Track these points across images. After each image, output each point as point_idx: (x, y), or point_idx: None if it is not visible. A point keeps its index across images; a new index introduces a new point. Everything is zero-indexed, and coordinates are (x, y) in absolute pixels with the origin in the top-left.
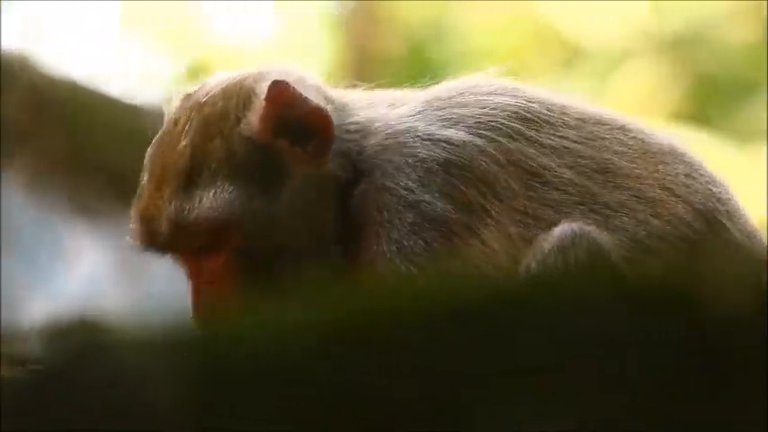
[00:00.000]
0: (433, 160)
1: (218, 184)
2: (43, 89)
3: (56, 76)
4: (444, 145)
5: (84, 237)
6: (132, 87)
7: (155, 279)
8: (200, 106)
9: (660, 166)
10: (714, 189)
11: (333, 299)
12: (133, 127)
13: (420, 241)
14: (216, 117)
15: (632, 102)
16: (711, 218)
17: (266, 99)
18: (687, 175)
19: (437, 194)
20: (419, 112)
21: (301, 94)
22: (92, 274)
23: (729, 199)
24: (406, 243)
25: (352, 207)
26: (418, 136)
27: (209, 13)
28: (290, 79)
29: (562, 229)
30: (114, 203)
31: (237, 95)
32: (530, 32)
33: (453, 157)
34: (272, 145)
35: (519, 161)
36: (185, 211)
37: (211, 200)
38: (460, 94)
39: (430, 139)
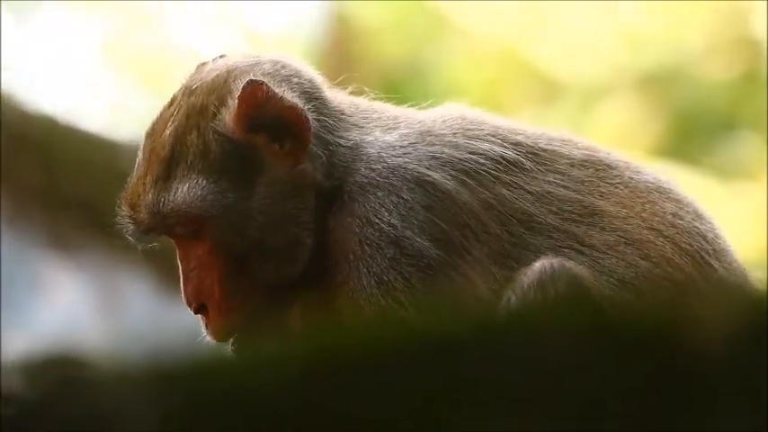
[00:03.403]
0: (417, 202)
1: (194, 177)
2: (20, 125)
3: (33, 111)
4: (430, 189)
5: (62, 271)
6: (109, 123)
7: (132, 313)
8: (189, 93)
9: (647, 206)
10: (701, 227)
11: (313, 331)
12: (110, 162)
13: (399, 276)
14: (196, 110)
15: (611, 137)
16: (699, 258)
17: (239, 98)
18: (674, 215)
19: (417, 231)
20: (411, 145)
21: (277, 94)
22: (69, 309)
23: (716, 237)
24: (385, 278)
25: (331, 232)
26: (406, 177)
27: (188, 48)
28: (276, 75)
29: (542, 263)
30: (91, 238)
31: (217, 91)
32: (507, 68)
33: (437, 202)
34: (247, 141)
35: (502, 208)
36: (161, 203)
37: (185, 194)
38: (453, 133)
39: (416, 181)
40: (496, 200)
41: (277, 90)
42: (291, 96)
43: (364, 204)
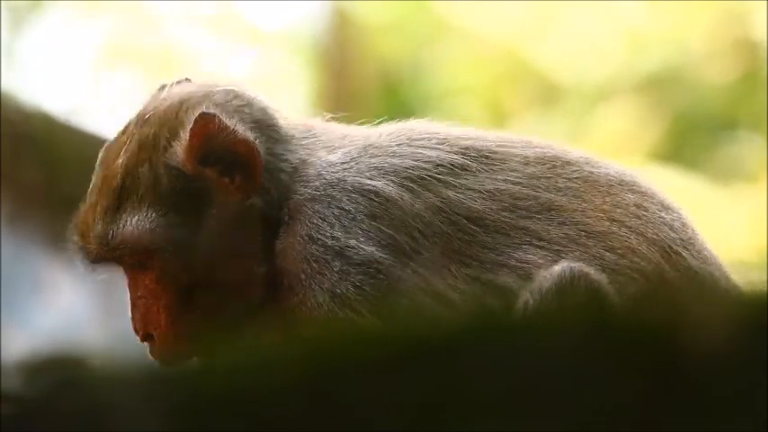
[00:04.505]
0: (360, 211)
1: (143, 210)
2: (20, 124)
3: (33, 111)
4: (372, 197)
5: (62, 272)
6: (110, 123)
7: None
8: (142, 123)
9: (608, 199)
10: (667, 217)
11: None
12: None
13: (351, 287)
14: (148, 142)
15: (611, 140)
16: (666, 247)
17: (190, 131)
18: (638, 206)
19: (363, 239)
20: (353, 160)
21: (228, 127)
22: (69, 309)
23: (683, 226)
24: (338, 291)
25: (280, 256)
26: (346, 188)
27: (188, 48)
28: (227, 106)
29: (561, 267)
30: None
31: (169, 123)
32: (508, 70)
33: (381, 210)
34: (198, 175)
35: (450, 209)
36: (110, 235)
37: (134, 226)
38: (398, 144)
39: (358, 191)
40: (444, 202)
41: (229, 123)
42: (243, 129)
43: (305, 222)
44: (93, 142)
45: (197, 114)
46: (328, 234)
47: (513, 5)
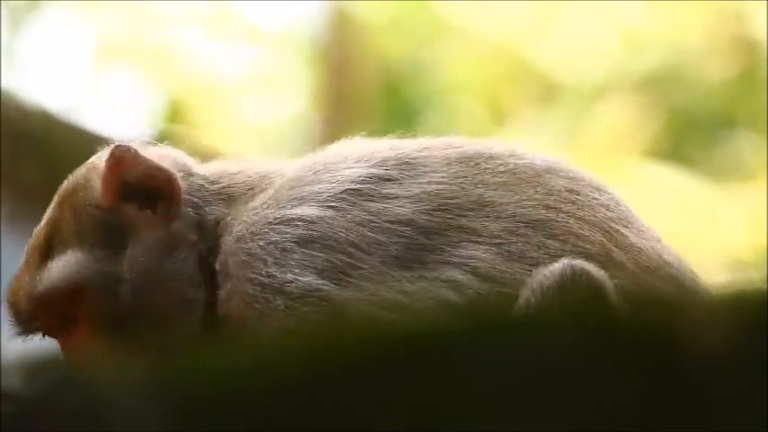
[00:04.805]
0: (286, 240)
1: (68, 252)
2: (20, 123)
3: (33, 109)
4: (297, 223)
5: None
6: (109, 120)
7: None
8: (63, 186)
9: (539, 188)
10: (601, 197)
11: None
12: None
13: (299, 321)
14: (68, 191)
15: (609, 138)
16: (606, 227)
17: (107, 164)
18: (570, 191)
19: (298, 271)
20: (271, 198)
21: (142, 156)
22: None
23: (618, 204)
24: (286, 329)
25: (222, 302)
26: (270, 222)
27: (188, 46)
28: (143, 146)
29: (562, 266)
30: None
31: (87, 166)
32: (507, 68)
33: (308, 233)
34: (118, 209)
35: (379, 220)
36: (37, 283)
37: (60, 268)
38: (314, 172)
39: (281, 222)
40: (371, 213)
41: (144, 153)
42: (159, 157)
43: (238, 263)
44: (93, 141)
45: (112, 149)
46: (263, 272)
47: (513, 5)
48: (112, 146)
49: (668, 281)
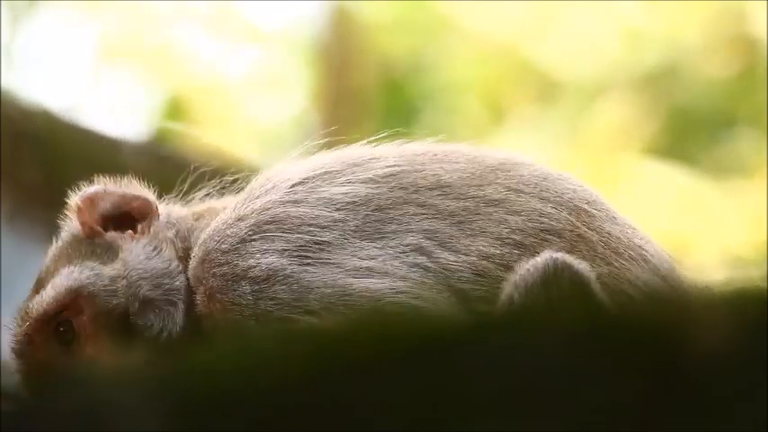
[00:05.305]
0: (243, 232)
1: (62, 270)
2: (20, 122)
3: (33, 108)
4: (251, 215)
5: None
6: (110, 120)
7: None
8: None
9: (500, 174)
10: (568, 185)
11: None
12: (110, 159)
13: (270, 302)
14: (59, 245)
15: (608, 136)
16: (573, 206)
17: (80, 204)
18: (534, 176)
19: (258, 255)
20: (228, 209)
21: (111, 188)
22: None
23: (581, 187)
24: (259, 312)
25: (202, 309)
26: (225, 222)
27: (189, 45)
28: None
29: (545, 259)
30: None
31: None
32: (507, 66)
33: (262, 219)
34: (101, 236)
35: (334, 201)
36: (37, 302)
37: (56, 283)
38: (256, 198)
39: (236, 220)
40: (324, 200)
41: (114, 187)
42: (130, 187)
43: (203, 264)
44: (93, 140)
45: (81, 192)
46: (225, 264)
47: (512, 4)
48: (82, 190)
49: (641, 266)
